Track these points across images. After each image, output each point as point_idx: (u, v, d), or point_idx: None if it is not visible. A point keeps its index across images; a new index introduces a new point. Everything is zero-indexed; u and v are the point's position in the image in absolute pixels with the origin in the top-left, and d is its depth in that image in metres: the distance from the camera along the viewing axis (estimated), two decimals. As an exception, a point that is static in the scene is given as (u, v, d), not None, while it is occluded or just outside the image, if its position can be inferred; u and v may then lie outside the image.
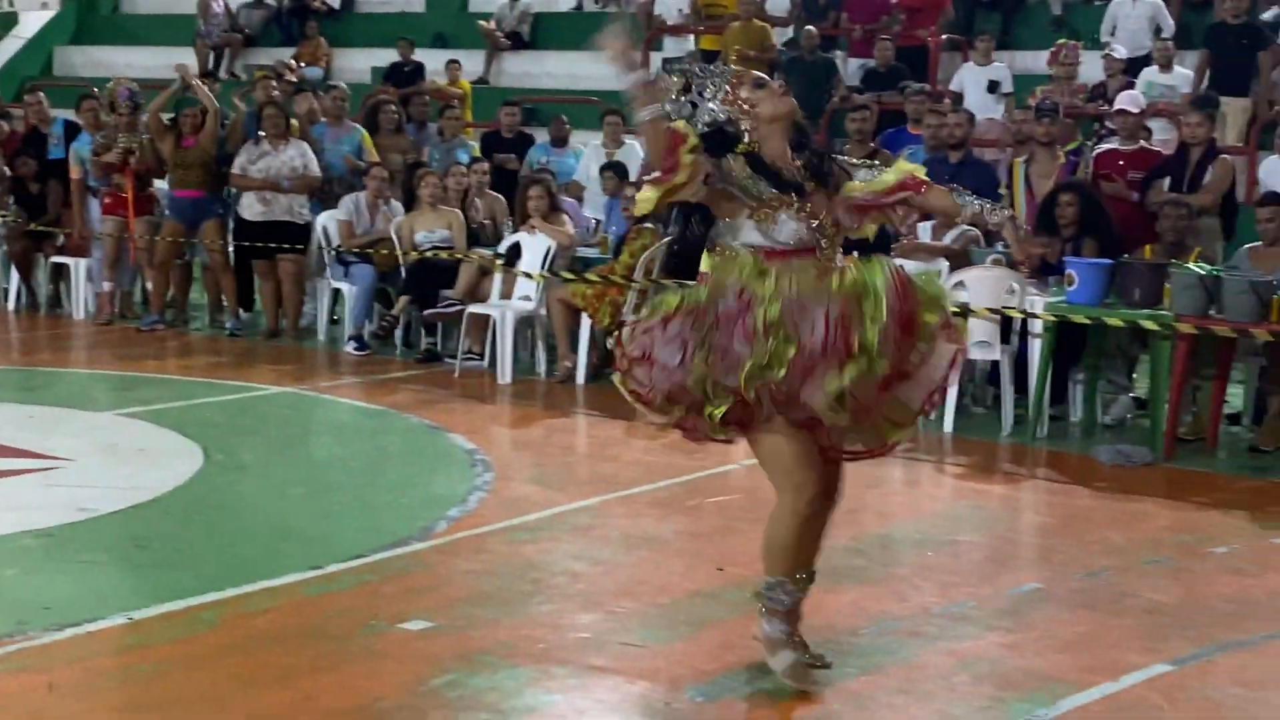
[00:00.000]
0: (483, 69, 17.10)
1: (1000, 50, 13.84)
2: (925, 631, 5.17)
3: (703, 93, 4.47)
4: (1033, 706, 4.50)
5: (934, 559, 6.12)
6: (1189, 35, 13.60)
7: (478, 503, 6.68)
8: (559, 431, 8.60)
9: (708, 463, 7.64)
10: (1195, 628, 5.24)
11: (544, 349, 10.01)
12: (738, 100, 4.45)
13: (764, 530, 4.66)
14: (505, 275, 10.04)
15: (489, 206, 10.98)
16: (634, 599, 5.43)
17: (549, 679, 4.63)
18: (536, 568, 5.77)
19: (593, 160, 11.77)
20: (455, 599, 5.37)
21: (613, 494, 6.93)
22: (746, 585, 5.59)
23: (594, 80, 15.87)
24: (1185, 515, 6.84)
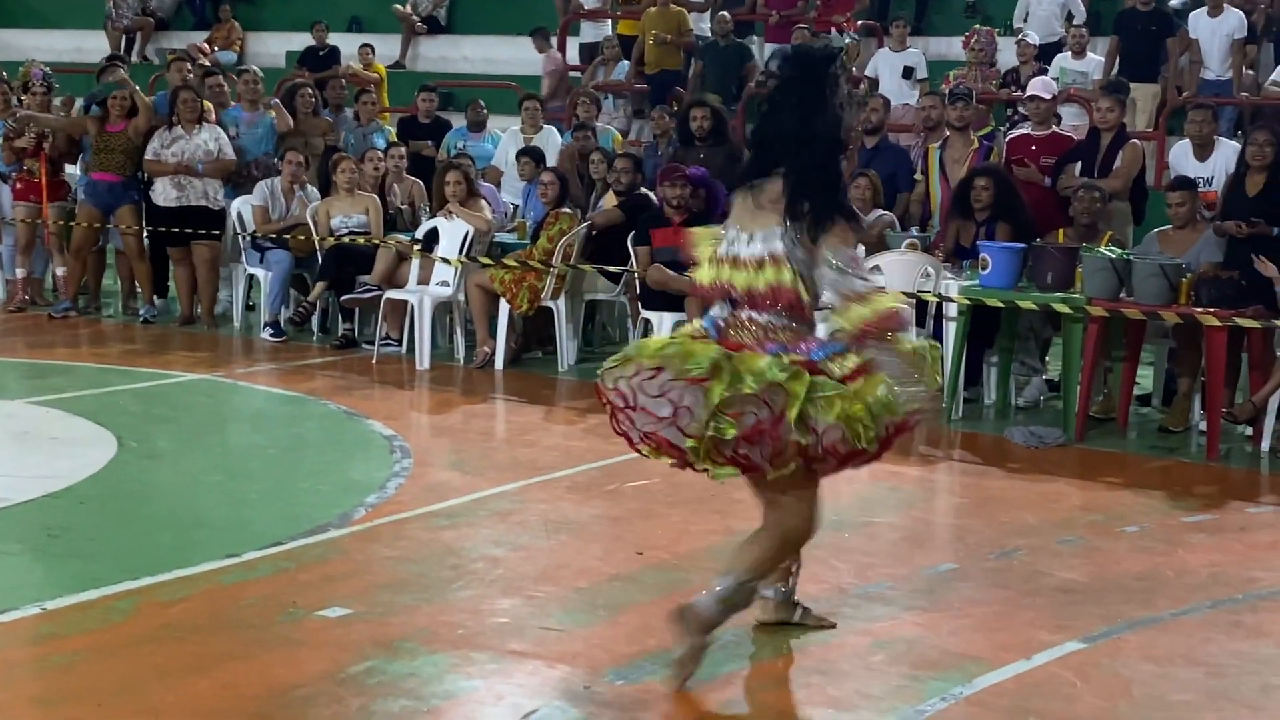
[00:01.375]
0: (399, 53, 16.98)
1: (915, 36, 13.97)
2: (842, 612, 5.21)
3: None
4: (948, 685, 4.57)
5: (851, 541, 6.18)
6: (1099, 22, 13.80)
7: (396, 489, 6.65)
8: (478, 417, 8.58)
9: (627, 448, 7.62)
10: (1106, 605, 5.34)
11: (462, 334, 9.98)
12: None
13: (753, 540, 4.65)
14: (423, 260, 9.99)
15: (406, 191, 10.91)
16: (553, 583, 5.44)
17: (468, 664, 4.63)
18: (456, 553, 5.76)
19: (511, 145, 11.73)
20: (374, 586, 5.35)
21: (532, 479, 6.92)
22: (666, 568, 5.65)
23: (512, 65, 15.85)
24: (1097, 495, 6.95)
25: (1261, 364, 7.95)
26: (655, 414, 4.34)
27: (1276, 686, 4.65)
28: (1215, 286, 7.82)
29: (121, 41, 18.18)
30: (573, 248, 9.62)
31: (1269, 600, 5.48)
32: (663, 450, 4.44)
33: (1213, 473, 7.48)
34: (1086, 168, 9.34)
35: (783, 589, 4.99)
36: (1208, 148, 9.43)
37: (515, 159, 11.20)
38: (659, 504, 6.59)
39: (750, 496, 4.85)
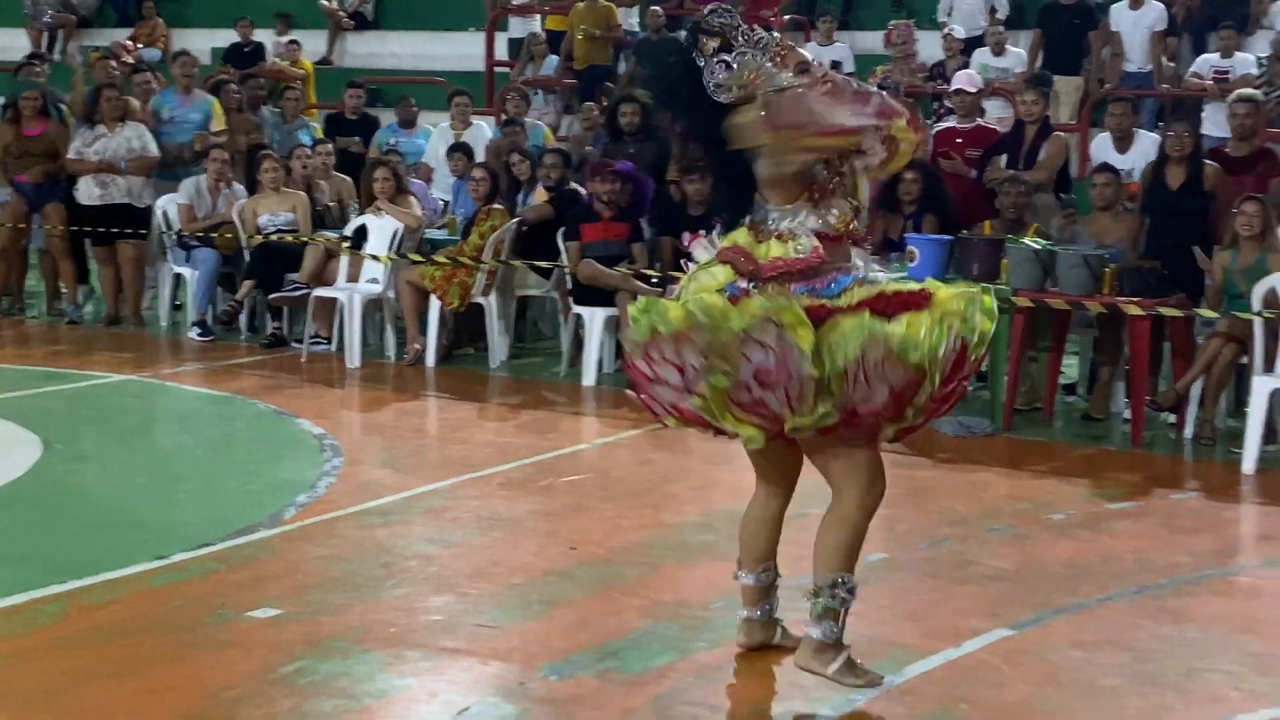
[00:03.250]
0: (326, 49, 16.85)
1: (841, 31, 14.05)
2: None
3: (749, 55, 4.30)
4: (878, 673, 4.60)
5: (784, 533, 6.19)
6: (1023, 15, 13.95)
7: (327, 488, 6.61)
8: (409, 414, 8.54)
9: (560, 443, 7.68)
10: (1034, 593, 5.40)
11: (393, 332, 9.93)
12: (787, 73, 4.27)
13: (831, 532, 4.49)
14: (352, 258, 9.93)
15: (335, 188, 10.84)
16: (487, 580, 5.43)
17: (401, 663, 4.62)
18: (388, 551, 5.74)
19: (440, 141, 11.69)
20: (305, 585, 5.32)
21: (465, 476, 6.90)
22: (599, 563, 5.65)
23: (440, 60, 15.79)
24: (1024, 483, 7.03)
25: (1183, 352, 8.07)
26: (670, 382, 4.17)
27: (1201, 670, 4.73)
28: (1138, 276, 7.93)
29: (43, 39, 17.92)
30: (504, 244, 9.61)
31: (1193, 585, 5.57)
32: (687, 420, 4.27)
33: (1137, 460, 7.59)
34: (1011, 160, 9.43)
35: (766, 608, 4.76)
36: (1128, 140, 9.55)
37: (446, 155, 11.15)
38: (592, 499, 6.60)
39: (687, 490, 4.88)
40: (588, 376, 9.07)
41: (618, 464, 7.38)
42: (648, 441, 7.76)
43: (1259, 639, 5.03)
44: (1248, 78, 11.53)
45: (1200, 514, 6.63)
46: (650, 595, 5.31)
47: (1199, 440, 7.81)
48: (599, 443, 7.83)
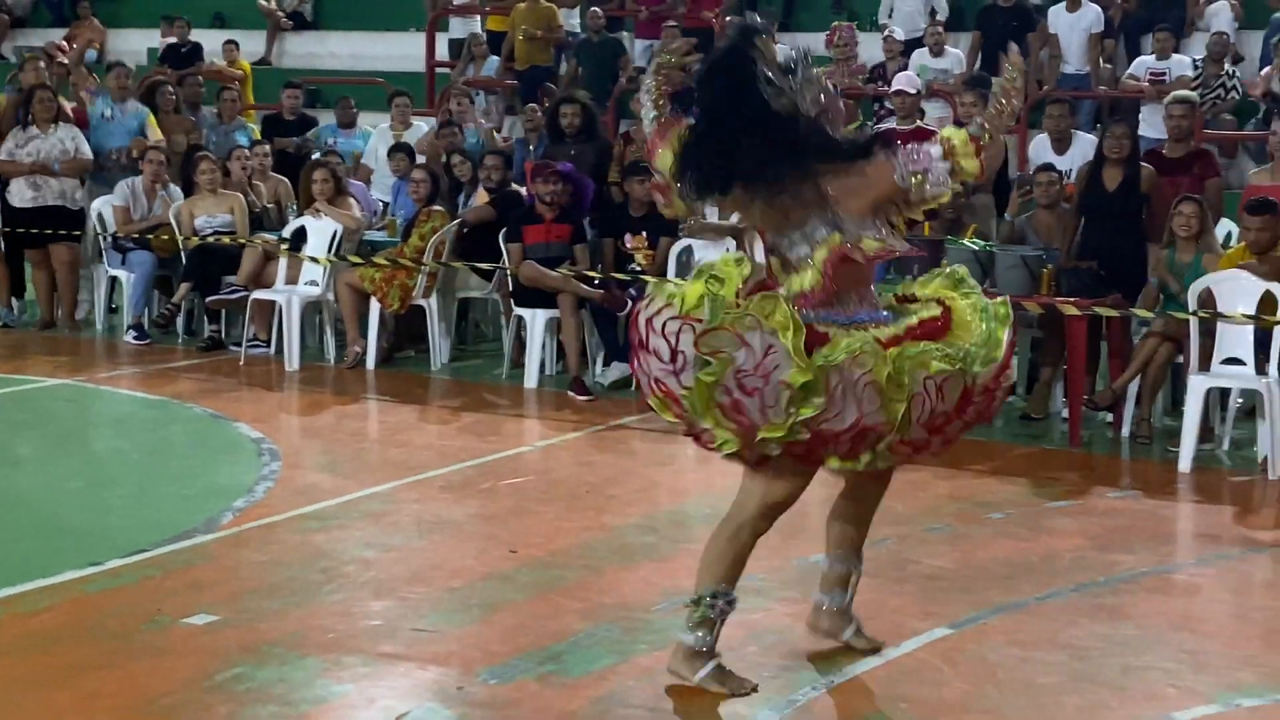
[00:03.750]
0: (264, 50, 16.72)
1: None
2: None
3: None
4: (819, 674, 4.62)
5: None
6: (962, 17, 14.04)
7: (265, 492, 6.55)
8: (349, 418, 8.48)
9: (501, 445, 7.65)
10: (973, 592, 5.43)
11: (332, 334, 9.85)
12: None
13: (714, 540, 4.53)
14: (290, 260, 9.85)
15: (273, 190, 10.76)
16: (426, 584, 5.39)
17: (339, 668, 4.58)
18: (326, 556, 5.69)
19: (381, 142, 11.62)
20: (242, 591, 5.26)
21: (405, 479, 6.86)
22: (540, 566, 5.63)
23: (380, 61, 15.70)
24: (963, 483, 7.06)
25: (1120, 352, 8.14)
26: (660, 357, 4.19)
27: (1137, 667, 4.76)
28: (1075, 277, 8.00)
29: (-25, 39, 17.69)
30: (444, 245, 9.56)
31: (1130, 583, 5.61)
32: (668, 405, 4.26)
33: (1075, 459, 7.65)
34: (950, 161, 9.46)
35: (840, 597, 4.80)
36: (1066, 141, 9.63)
37: (387, 156, 11.09)
38: (533, 501, 6.57)
39: (629, 492, 4.88)
40: (529, 378, 9.04)
41: (559, 466, 7.36)
42: (590, 443, 7.75)
43: (1195, 636, 5.08)
44: (1184, 79, 11.66)
45: (1137, 512, 6.69)
46: (591, 598, 5.30)
47: (1136, 439, 7.88)
48: (540, 445, 7.81)
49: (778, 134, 4.24)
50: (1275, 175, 8.54)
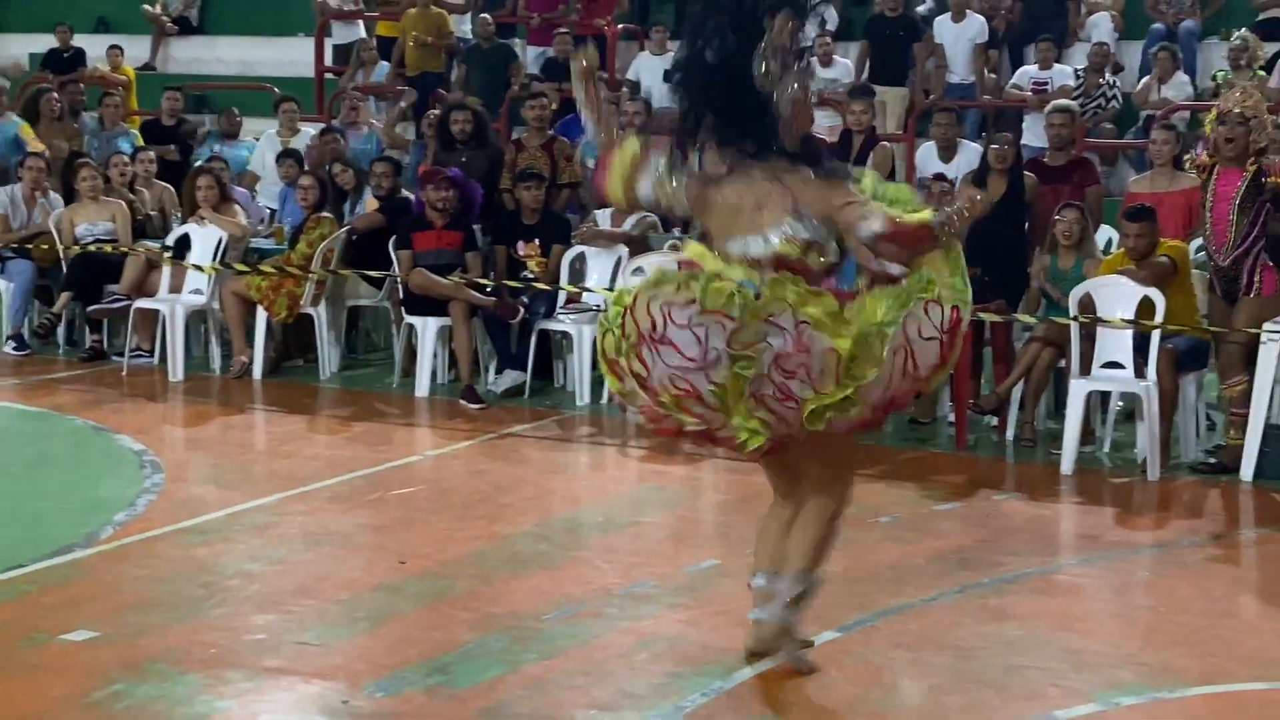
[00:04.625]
0: (149, 55, 16.44)
1: (674, 40, 14.08)
2: (606, 613, 5.24)
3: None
4: (708, 680, 4.62)
5: (617, 540, 6.22)
6: (850, 27, 14.17)
7: (146, 505, 6.44)
8: (234, 428, 8.35)
9: (392, 455, 7.58)
10: (860, 595, 5.47)
11: (218, 343, 9.69)
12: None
13: (812, 528, 4.61)
14: (174, 268, 9.68)
15: (156, 197, 10.58)
16: (313, 597, 5.32)
17: (221, 684, 4.50)
18: (209, 570, 5.59)
19: (268, 148, 11.47)
20: (122, 606, 5.16)
21: (291, 490, 6.77)
22: (429, 577, 5.58)
23: (267, 66, 15.50)
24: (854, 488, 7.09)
25: (1004, 356, 8.27)
26: (684, 352, 4.13)
27: (1020, 667, 4.83)
28: (961, 282, 8.09)
29: None
30: (333, 252, 9.46)
31: (1013, 584, 5.69)
32: (682, 405, 4.20)
33: (961, 462, 7.75)
34: (839, 169, 9.55)
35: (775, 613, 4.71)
36: (952, 149, 9.77)
37: (275, 162, 10.95)
38: (423, 512, 6.52)
39: (521, 501, 4.85)
40: (421, 387, 8.97)
41: (450, 475, 7.31)
42: (481, 452, 7.70)
43: (1076, 635, 5.16)
44: (1065, 89, 11.88)
45: (1021, 514, 6.79)
46: (481, 608, 5.26)
47: (1020, 442, 8.00)
48: (432, 454, 7.75)
49: (751, 107, 4.31)
50: (1154, 183, 8.72)
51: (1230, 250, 7.42)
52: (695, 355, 4.15)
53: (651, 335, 4.18)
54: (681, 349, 4.15)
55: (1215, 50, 12.76)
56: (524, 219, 9.31)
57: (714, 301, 4.16)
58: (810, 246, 4.31)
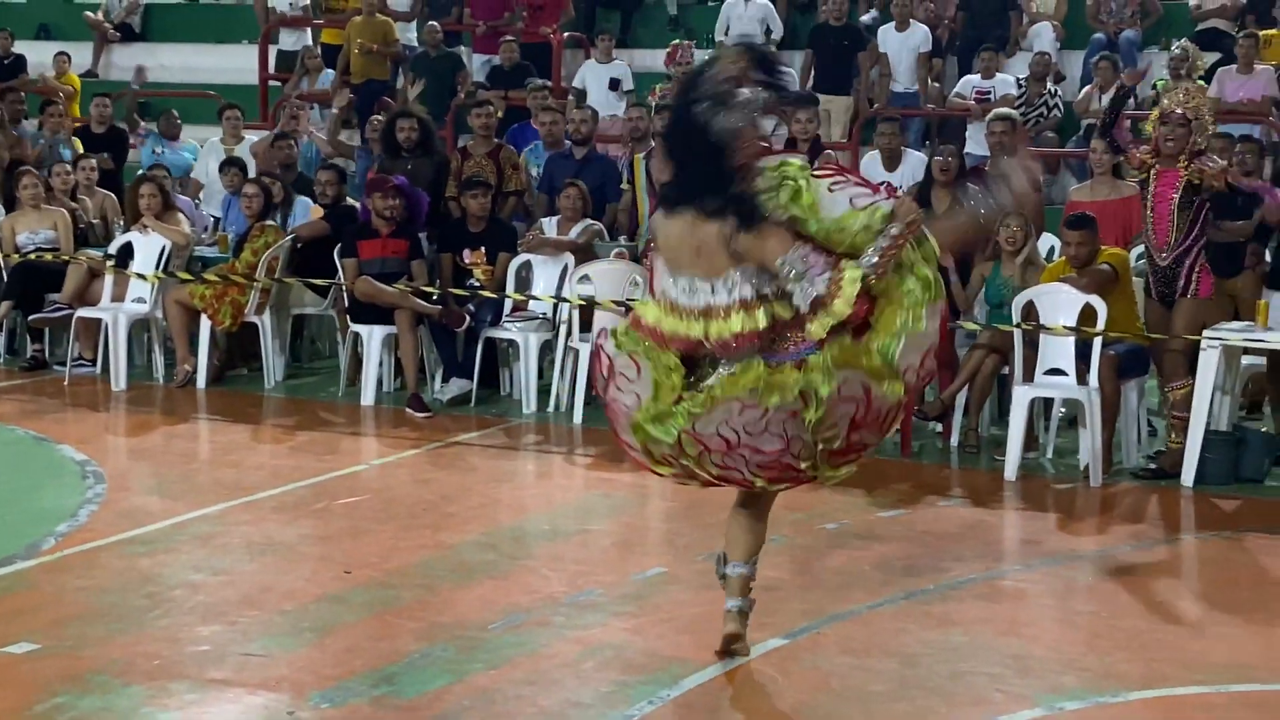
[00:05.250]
0: (91, 62, 16.29)
1: (620, 48, 14.14)
2: (553, 621, 5.24)
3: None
4: (655, 688, 4.63)
5: (564, 549, 6.21)
6: (795, 36, 14.25)
7: (89, 516, 6.38)
8: (178, 438, 8.28)
9: (337, 464, 7.55)
10: (807, 601, 5.50)
11: (161, 353, 9.61)
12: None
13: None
14: (117, 277, 9.60)
15: (99, 205, 10.48)
16: (257, 608, 5.29)
17: (165, 695, 4.47)
18: (153, 581, 5.55)
19: (211, 156, 11.39)
20: (64, 618, 5.11)
21: (236, 500, 6.72)
22: (375, 586, 5.56)
23: (211, 73, 15.39)
24: (799, 494, 7.02)
25: (948, 363, 8.31)
26: (764, 449, 4.42)
27: (965, 673, 4.87)
28: (905, 290, 8.14)
29: None
30: (278, 261, 9.40)
31: (958, 589, 5.74)
32: (780, 480, 4.58)
33: (907, 469, 7.79)
34: (784, 177, 9.59)
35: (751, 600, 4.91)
36: (896, 158, 9.84)
37: (219, 170, 10.87)
38: (369, 521, 6.49)
39: (467, 510, 4.84)
40: (366, 396, 8.93)
41: (396, 484, 7.29)
42: (428, 461, 7.68)
43: (1020, 641, 5.21)
44: (1008, 98, 11.98)
45: (966, 520, 6.84)
46: (427, 617, 5.25)
47: (964, 448, 8.06)
48: (377, 463, 7.72)
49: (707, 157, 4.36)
50: (1095, 191, 8.81)
51: (1171, 250, 7.50)
52: (777, 448, 4.45)
53: (730, 449, 4.46)
54: (763, 448, 4.45)
55: (1155, 60, 12.91)
56: (470, 227, 9.29)
57: (771, 400, 4.36)
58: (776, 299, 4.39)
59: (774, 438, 4.40)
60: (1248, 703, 4.71)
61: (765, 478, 4.51)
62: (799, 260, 4.35)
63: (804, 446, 4.43)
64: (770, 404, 4.36)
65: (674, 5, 15.19)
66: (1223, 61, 12.06)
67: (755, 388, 4.36)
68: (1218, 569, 6.33)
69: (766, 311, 4.37)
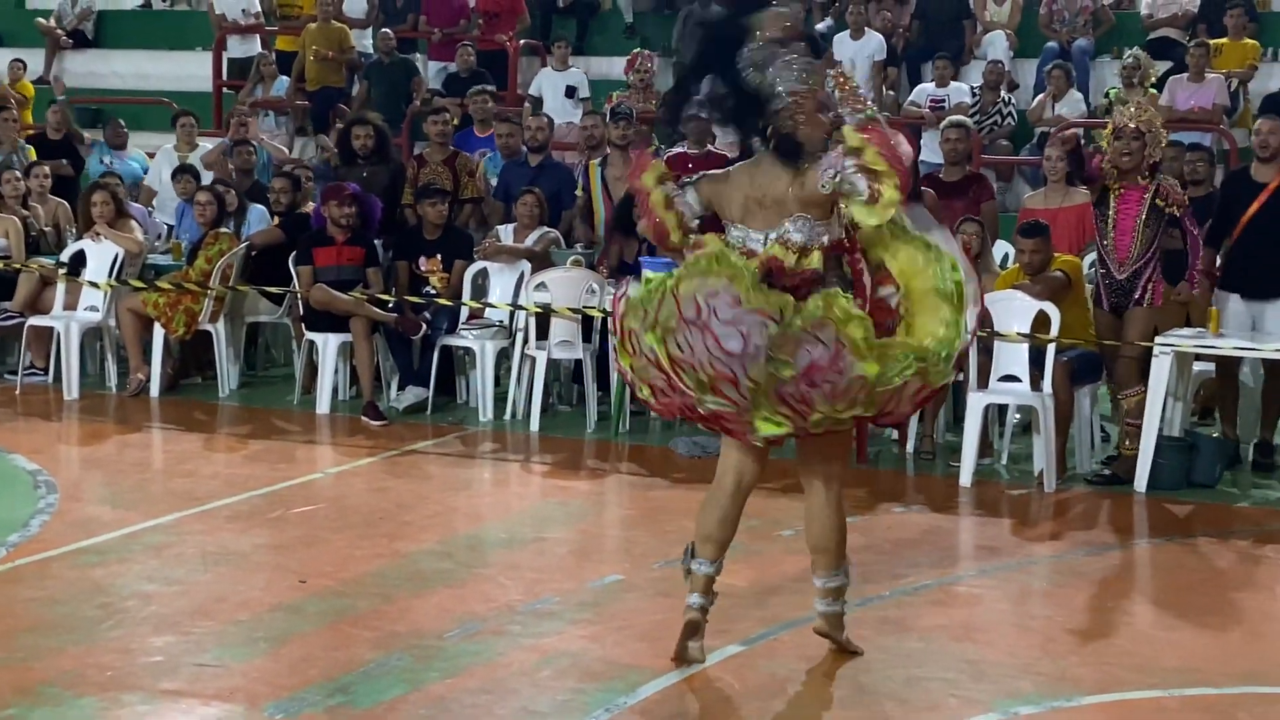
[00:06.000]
0: (43, 69, 16.15)
1: (576, 56, 14.14)
2: (509, 630, 5.22)
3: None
4: (612, 695, 4.62)
5: (520, 557, 6.20)
6: (752, 44, 14.26)
7: (41, 526, 6.32)
8: (131, 447, 8.22)
9: (292, 472, 7.51)
10: (764, 608, 5.51)
11: (114, 361, 9.54)
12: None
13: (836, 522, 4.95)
14: (69, 285, 9.51)
15: (51, 213, 10.38)
16: (211, 618, 5.25)
17: (118, 707, 4.43)
18: (105, 591, 5.50)
19: (164, 164, 11.32)
20: (15, 629, 5.06)
21: (189, 510, 6.67)
22: (330, 595, 5.53)
23: (164, 80, 15.29)
24: (755, 501, 6.99)
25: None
26: (724, 346, 4.38)
27: (920, 678, 4.89)
28: (861, 297, 8.18)
29: None
30: (232, 268, 9.34)
31: (913, 595, 5.76)
32: (715, 388, 4.44)
33: (862, 475, 7.80)
34: (741, 185, 9.61)
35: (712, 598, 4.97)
36: (852, 165, 9.84)
37: (171, 177, 10.80)
38: (324, 530, 6.46)
39: (423, 518, 4.82)
40: (322, 404, 8.89)
41: (352, 493, 7.25)
42: (384, 469, 7.65)
43: (975, 646, 5.23)
44: (962, 106, 12.06)
45: (921, 526, 6.87)
46: (383, 626, 5.22)
47: (920, 455, 8.10)
48: (333, 471, 7.68)
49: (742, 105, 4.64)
50: (1049, 199, 8.87)
51: (1131, 264, 7.57)
52: (736, 349, 4.41)
53: (693, 320, 4.43)
54: (723, 343, 4.41)
55: (1108, 68, 13.04)
56: (426, 234, 9.26)
57: (759, 301, 4.42)
58: (802, 252, 4.58)
59: (737, 336, 4.39)
60: (1199, 706, 4.75)
61: (714, 373, 4.44)
62: (825, 164, 4.53)
63: (757, 367, 4.41)
64: (749, 298, 4.41)
65: (630, 13, 15.20)
66: (1174, 70, 12.19)
67: (747, 285, 4.45)
68: (1171, 574, 6.38)
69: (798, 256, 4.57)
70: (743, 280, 4.46)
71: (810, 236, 4.60)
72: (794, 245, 4.58)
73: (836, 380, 4.45)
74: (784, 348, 4.41)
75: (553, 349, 8.67)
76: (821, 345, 4.42)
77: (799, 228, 4.60)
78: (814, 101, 4.63)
